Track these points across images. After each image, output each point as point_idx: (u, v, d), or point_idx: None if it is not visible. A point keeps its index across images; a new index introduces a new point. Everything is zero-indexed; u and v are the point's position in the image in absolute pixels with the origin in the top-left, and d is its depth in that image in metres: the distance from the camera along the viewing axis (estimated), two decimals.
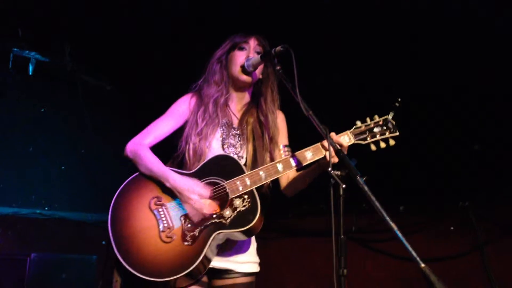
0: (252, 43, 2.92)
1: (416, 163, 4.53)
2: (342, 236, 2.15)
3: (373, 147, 2.72)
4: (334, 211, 2.17)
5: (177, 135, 2.92)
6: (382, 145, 2.71)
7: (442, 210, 4.60)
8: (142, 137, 2.85)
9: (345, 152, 2.63)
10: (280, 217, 5.16)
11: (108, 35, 4.86)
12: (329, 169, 2.26)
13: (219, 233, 2.59)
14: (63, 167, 5.12)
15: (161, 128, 2.88)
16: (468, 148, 4.40)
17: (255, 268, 2.87)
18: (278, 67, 2.64)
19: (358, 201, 2.63)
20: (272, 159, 2.86)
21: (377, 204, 2.12)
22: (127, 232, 2.61)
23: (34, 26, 4.78)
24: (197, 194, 2.62)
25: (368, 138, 2.71)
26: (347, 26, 4.43)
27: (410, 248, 2.02)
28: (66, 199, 5.06)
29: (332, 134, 2.63)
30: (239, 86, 2.96)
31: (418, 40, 4.32)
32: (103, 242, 5.20)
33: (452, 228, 4.60)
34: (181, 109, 2.93)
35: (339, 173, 2.24)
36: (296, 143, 2.92)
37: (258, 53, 2.90)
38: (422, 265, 1.99)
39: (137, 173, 2.77)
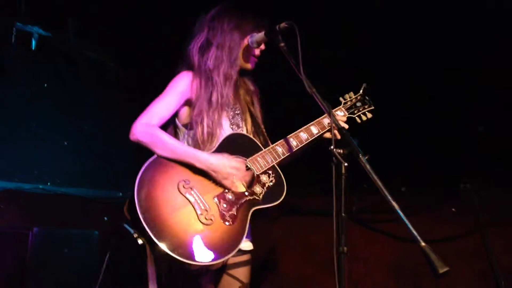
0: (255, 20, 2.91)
1: (419, 144, 4.52)
2: (343, 214, 2.15)
3: (358, 120, 3.06)
4: (336, 189, 2.17)
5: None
6: (364, 118, 3.08)
7: (443, 191, 4.61)
8: (148, 118, 2.72)
9: (347, 126, 2.88)
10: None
11: (113, 10, 4.82)
12: (332, 147, 2.25)
13: (255, 209, 2.63)
14: (65, 143, 5.11)
15: (164, 108, 2.78)
16: (472, 129, 4.38)
17: (251, 246, 2.90)
18: (282, 44, 2.61)
19: (359, 181, 2.64)
20: (265, 129, 2.95)
21: (380, 183, 2.12)
22: (162, 218, 2.45)
23: (37, 1, 4.74)
24: (234, 167, 2.62)
25: (355, 112, 3.06)
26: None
27: (411, 227, 2.02)
28: (69, 175, 5.07)
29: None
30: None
31: (415, 19, 4.28)
32: (105, 219, 5.23)
33: (453, 209, 4.61)
34: (182, 88, 2.82)
35: (341, 151, 2.23)
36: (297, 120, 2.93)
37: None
38: (423, 243, 1.99)
39: (154, 157, 2.62)
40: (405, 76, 2.76)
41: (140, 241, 2.45)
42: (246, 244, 2.83)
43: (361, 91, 3.10)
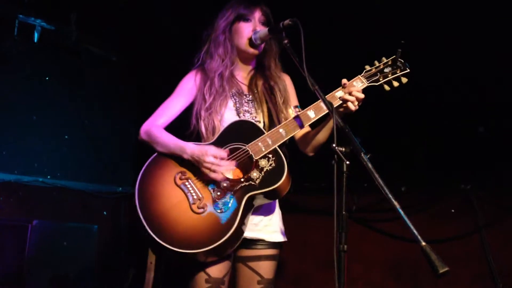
0: (257, 14, 2.89)
1: (419, 144, 4.52)
2: (344, 212, 2.15)
3: (386, 87, 2.74)
4: (337, 187, 2.17)
5: (187, 114, 2.91)
6: (395, 84, 2.74)
7: (443, 192, 4.61)
8: (155, 118, 2.85)
9: (362, 97, 2.63)
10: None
11: (116, 4, 4.81)
12: (333, 145, 2.24)
13: (250, 195, 2.59)
14: (66, 136, 5.11)
15: (172, 107, 2.88)
16: (472, 130, 4.39)
17: (282, 238, 2.87)
18: (286, 41, 2.60)
19: (360, 180, 2.63)
20: (285, 119, 2.83)
21: (381, 181, 2.11)
22: (158, 211, 2.59)
23: None
24: (212, 155, 2.59)
25: (381, 79, 2.74)
26: None
27: (411, 226, 2.01)
28: (69, 169, 5.07)
29: (344, 81, 2.67)
30: (246, 57, 2.95)
31: (416, 19, 4.27)
32: (104, 213, 5.23)
33: (453, 210, 4.62)
34: (189, 86, 2.91)
35: (343, 149, 2.22)
36: None
37: (263, 24, 2.88)
38: (423, 243, 1.99)
39: (155, 154, 2.76)
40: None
41: (145, 234, 2.55)
42: (274, 236, 2.82)
43: (396, 54, 2.73)
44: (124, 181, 5.41)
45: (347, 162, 2.19)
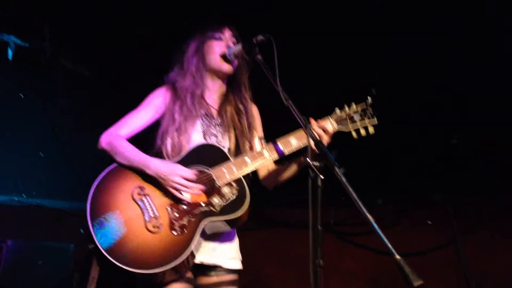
0: (227, 33, 2.92)
1: (395, 156, 4.56)
2: (319, 227, 2.14)
3: (354, 135, 2.72)
4: (312, 202, 2.16)
5: (149, 131, 2.84)
6: (363, 132, 2.72)
7: (419, 203, 4.65)
8: (117, 128, 2.77)
9: (330, 139, 2.66)
10: (259, 207, 5.16)
11: (89, 20, 4.79)
12: (308, 159, 2.25)
13: (209, 220, 2.55)
14: (41, 154, 5.05)
15: (136, 120, 2.81)
16: (447, 141, 4.44)
17: (240, 265, 2.82)
18: (259, 56, 2.61)
19: (337, 194, 2.63)
20: (251, 148, 2.85)
21: (355, 195, 2.12)
22: (111, 225, 2.49)
23: (13, 9, 4.68)
24: (180, 176, 2.55)
25: (350, 126, 2.72)
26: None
27: (386, 240, 2.02)
28: (44, 187, 5.01)
29: (312, 121, 2.65)
30: (218, 76, 2.93)
31: (396, 31, 4.33)
32: (81, 231, 5.15)
33: (429, 221, 4.66)
34: (156, 102, 2.85)
35: (318, 164, 2.22)
36: (274, 135, 2.88)
37: (233, 42, 2.90)
38: (398, 257, 1.99)
39: (114, 165, 2.66)
40: (378, 86, 2.77)
41: (90, 246, 2.48)
42: (231, 262, 2.76)
43: (366, 103, 2.71)
44: None
45: (322, 177, 2.19)
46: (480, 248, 4.40)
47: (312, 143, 2.38)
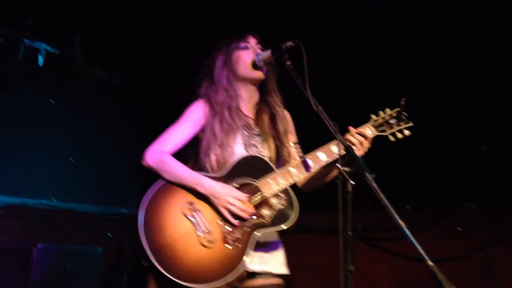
0: (252, 40, 2.94)
1: (424, 163, 4.52)
2: (349, 233, 2.14)
3: (391, 138, 2.77)
4: (342, 207, 2.17)
5: (188, 144, 2.86)
6: (399, 135, 2.77)
7: (449, 210, 4.60)
8: (161, 144, 2.77)
9: (370, 144, 2.71)
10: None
11: (120, 28, 4.86)
12: (338, 164, 2.25)
13: (262, 232, 2.57)
14: (71, 159, 5.13)
15: (178, 135, 2.81)
16: (476, 148, 4.39)
17: (286, 270, 2.83)
18: (289, 62, 2.61)
19: (365, 199, 2.63)
20: (289, 153, 2.85)
21: (386, 201, 2.11)
22: (164, 242, 2.51)
23: (45, 16, 4.77)
24: (235, 197, 2.58)
25: (387, 130, 2.77)
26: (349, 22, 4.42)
27: (418, 246, 2.01)
28: (73, 191, 5.08)
29: (351, 128, 2.69)
30: (251, 84, 2.93)
31: (424, 38, 4.31)
32: (109, 234, 5.22)
33: (458, 228, 4.60)
34: (196, 116, 2.86)
35: (347, 169, 2.23)
36: (306, 141, 2.91)
37: (260, 49, 2.91)
38: (430, 262, 1.98)
39: (161, 181, 2.68)
40: (409, 92, 2.76)
41: (145, 264, 2.50)
42: (278, 268, 2.77)
43: (398, 107, 2.79)
44: (128, 202, 5.41)
45: (352, 182, 2.19)
46: (510, 257, 4.32)
47: (342, 149, 2.39)
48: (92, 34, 4.97)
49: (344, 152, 2.37)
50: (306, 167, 2.70)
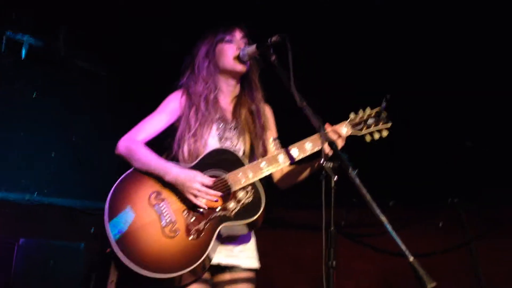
0: (238, 34, 2.92)
1: (407, 159, 4.55)
2: (332, 228, 2.15)
3: (368, 138, 2.77)
4: (325, 202, 2.17)
5: (165, 134, 2.87)
6: (376, 136, 2.77)
7: (431, 205, 4.64)
8: (135, 133, 2.80)
9: (343, 142, 2.71)
10: (271, 209, 5.16)
11: (105, 20, 4.81)
12: (322, 160, 2.26)
13: (225, 225, 2.57)
14: (53, 153, 5.08)
15: (153, 124, 2.84)
16: (461, 144, 4.43)
17: (257, 264, 2.84)
18: (273, 57, 2.60)
19: (348, 195, 2.64)
20: (265, 149, 2.87)
21: (368, 197, 2.12)
22: (128, 229, 2.54)
23: (28, 9, 4.72)
24: (199, 182, 2.58)
25: (364, 129, 2.76)
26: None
27: (399, 241, 2.02)
28: (56, 185, 5.03)
29: (327, 125, 2.69)
30: (231, 77, 2.93)
31: (409, 36, 4.33)
32: (92, 230, 5.19)
33: (441, 224, 4.64)
34: (173, 106, 2.88)
35: (331, 165, 2.23)
36: (288, 137, 2.89)
37: (245, 43, 2.90)
38: (411, 258, 2.00)
39: (131, 169, 2.71)
40: (394, 91, 2.77)
41: (107, 250, 2.53)
42: (248, 261, 2.79)
43: (381, 107, 2.76)
44: None
45: (335, 178, 2.19)
46: (493, 251, 4.37)
47: (326, 144, 2.40)
48: (77, 26, 4.90)
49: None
50: (276, 162, 2.70)
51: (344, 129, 2.74)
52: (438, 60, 4.36)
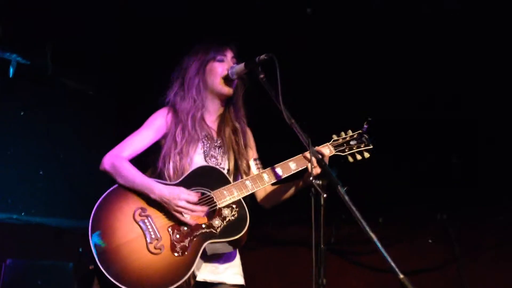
0: (229, 54, 2.94)
1: (396, 176, 4.56)
2: (322, 246, 2.14)
3: (350, 159, 2.86)
4: (315, 220, 2.17)
5: (148, 151, 2.86)
6: (358, 157, 2.86)
7: (420, 222, 4.64)
8: (120, 150, 2.78)
9: (326, 162, 2.72)
10: (260, 226, 5.15)
11: (92, 39, 4.82)
12: (310, 178, 2.26)
13: (210, 242, 2.57)
14: (41, 172, 5.04)
15: (138, 141, 2.82)
16: (449, 161, 4.45)
17: (242, 281, 2.83)
18: (262, 75, 2.63)
19: (338, 212, 2.65)
20: (248, 167, 2.88)
21: (358, 214, 2.13)
22: (112, 245, 2.51)
23: (15, 28, 4.72)
24: (184, 200, 2.58)
25: (346, 150, 2.84)
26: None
27: (389, 259, 2.02)
28: (44, 205, 4.99)
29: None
30: (218, 98, 2.94)
31: (392, 48, 4.37)
32: (80, 250, 5.13)
33: (430, 241, 4.65)
34: (158, 123, 2.87)
35: (320, 182, 2.24)
36: (274, 156, 2.91)
37: (235, 63, 2.90)
38: (401, 276, 2.00)
39: (116, 185, 2.69)
40: (379, 108, 2.79)
41: (91, 267, 2.51)
42: (234, 278, 2.78)
43: (363, 129, 2.88)
44: None
45: (324, 195, 2.20)
46: (482, 267, 4.38)
47: (314, 162, 2.41)
48: (64, 44, 4.91)
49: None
50: (261, 180, 2.73)
51: (327, 150, 2.80)
52: (425, 76, 4.40)
